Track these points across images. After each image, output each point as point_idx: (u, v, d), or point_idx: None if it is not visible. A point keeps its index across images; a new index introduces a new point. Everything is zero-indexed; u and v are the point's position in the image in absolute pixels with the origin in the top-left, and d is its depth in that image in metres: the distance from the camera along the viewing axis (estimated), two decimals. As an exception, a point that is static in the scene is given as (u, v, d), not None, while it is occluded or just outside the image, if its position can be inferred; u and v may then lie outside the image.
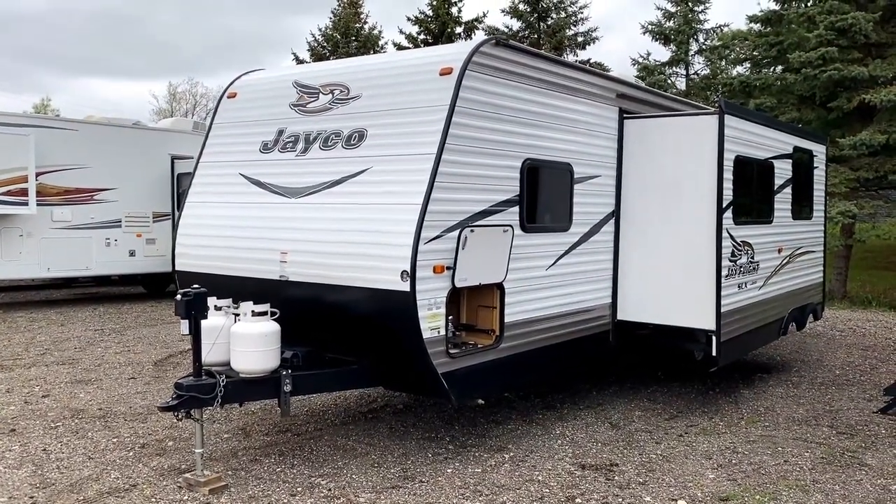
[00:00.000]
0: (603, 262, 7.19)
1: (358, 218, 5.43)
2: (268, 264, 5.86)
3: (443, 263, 5.28)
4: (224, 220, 6.28)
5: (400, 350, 5.38)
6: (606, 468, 5.76)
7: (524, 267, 6.12)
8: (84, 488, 5.24)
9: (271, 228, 5.91)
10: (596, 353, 7.31)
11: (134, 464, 5.72)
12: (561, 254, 6.62)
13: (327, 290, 5.52)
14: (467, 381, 5.59)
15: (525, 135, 6.04)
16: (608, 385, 8.26)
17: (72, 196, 14.37)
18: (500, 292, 5.88)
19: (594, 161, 6.96)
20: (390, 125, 5.57)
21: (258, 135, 6.38)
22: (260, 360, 5.27)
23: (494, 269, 5.74)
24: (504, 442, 6.32)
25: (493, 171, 5.73)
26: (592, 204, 6.98)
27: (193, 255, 6.45)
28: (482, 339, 5.98)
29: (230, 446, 6.16)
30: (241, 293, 5.68)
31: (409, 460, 5.85)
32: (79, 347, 10.44)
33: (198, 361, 5.20)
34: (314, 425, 6.75)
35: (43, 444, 6.17)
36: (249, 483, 5.34)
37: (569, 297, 6.69)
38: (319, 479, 5.44)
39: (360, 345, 5.64)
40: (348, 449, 6.11)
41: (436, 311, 5.24)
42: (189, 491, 5.18)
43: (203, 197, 6.54)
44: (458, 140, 5.36)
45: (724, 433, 6.71)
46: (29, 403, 7.45)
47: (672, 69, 27.22)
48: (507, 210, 5.88)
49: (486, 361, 5.76)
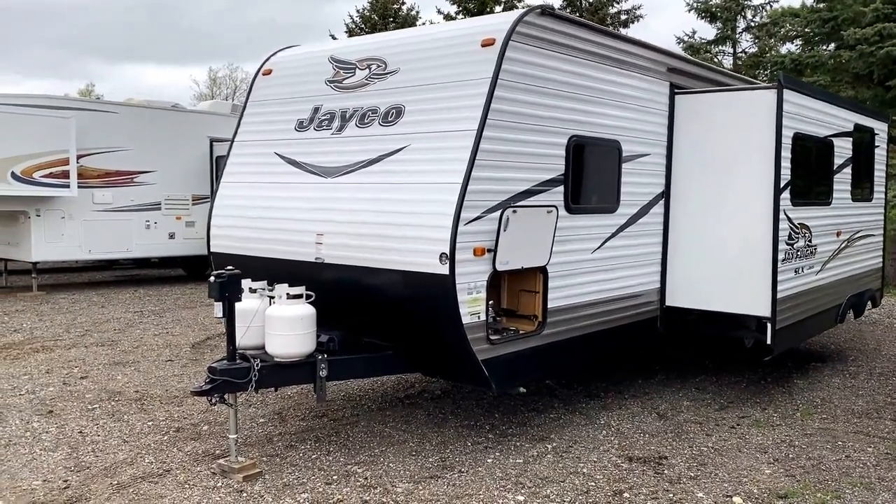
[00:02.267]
0: (652, 245, 6.87)
1: (395, 198, 5.21)
2: (303, 246, 5.67)
3: (483, 245, 5.03)
4: (259, 201, 6.12)
5: (438, 336, 5.16)
6: (655, 461, 5.49)
7: (569, 250, 5.84)
8: (118, 472, 5.14)
9: (307, 209, 5.72)
10: (643, 340, 7.00)
11: (168, 448, 5.62)
12: (608, 236, 6.32)
13: (364, 272, 5.32)
14: (508, 369, 5.35)
15: (571, 110, 5.74)
16: (654, 373, 7.95)
17: (112, 178, 14.44)
18: (543, 276, 5.62)
19: (643, 138, 6.63)
20: (429, 100, 5.31)
21: (293, 112, 6.18)
22: (295, 343, 5.10)
23: (537, 251, 5.47)
24: (546, 431, 6.08)
25: (537, 149, 5.45)
26: (641, 184, 6.65)
27: (228, 236, 6.31)
28: (524, 325, 5.73)
29: (266, 431, 6.03)
30: (277, 275, 5.52)
31: (448, 449, 5.65)
32: (118, 329, 10.46)
33: (231, 345, 5.05)
34: (351, 411, 6.59)
35: (79, 427, 6.12)
36: (284, 470, 5.20)
37: (615, 282, 6.39)
38: (356, 466, 5.27)
39: (398, 330, 5.44)
40: (385, 436, 5.93)
41: (476, 296, 5.00)
42: (223, 477, 5.05)
43: (238, 177, 6.38)
44: (501, 115, 5.09)
45: (779, 425, 6.37)
46: (67, 385, 7.43)
47: (718, 48, 26.44)
48: (551, 190, 5.60)
49: (527, 348, 5.51)
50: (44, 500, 4.69)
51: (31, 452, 5.53)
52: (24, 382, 7.48)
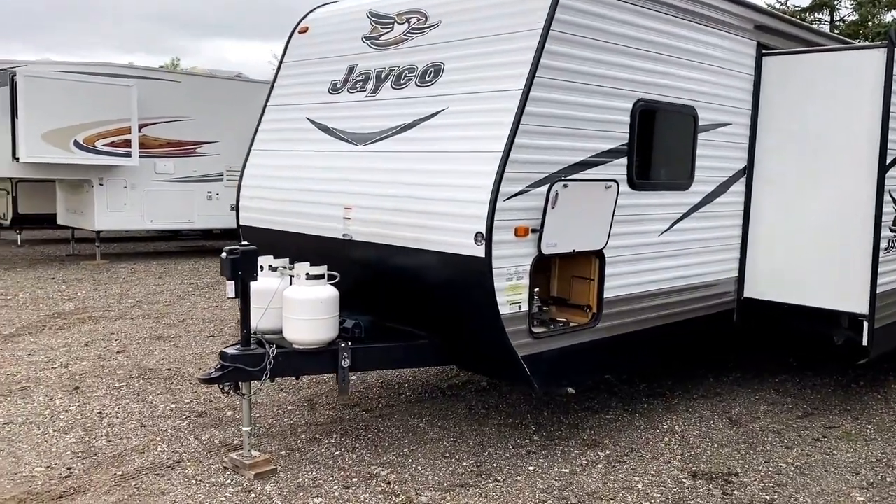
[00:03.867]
0: (729, 228, 6.04)
1: (428, 169, 4.59)
2: (331, 221, 5.13)
3: (527, 225, 4.36)
4: (289, 171, 5.60)
5: (473, 327, 4.55)
6: (723, 478, 4.75)
7: (631, 232, 5.11)
8: (125, 462, 4.76)
9: (336, 180, 5.17)
10: (715, 335, 6.21)
11: (185, 435, 5.22)
12: (678, 217, 5.54)
13: (393, 252, 4.74)
14: (554, 367, 4.69)
15: (639, 69, 4.97)
16: (728, 371, 7.11)
17: (174, 148, 14.31)
18: (599, 262, 4.91)
19: (724, 105, 5.78)
20: (471, 56, 4.65)
21: (328, 73, 5.62)
22: (314, 329, 4.57)
23: (592, 233, 4.76)
24: (600, 435, 5.40)
25: (595, 113, 4.72)
26: (720, 157, 5.81)
27: (257, 208, 5.83)
28: (576, 317, 5.05)
29: (291, 420, 5.56)
30: (305, 253, 5.02)
31: (486, 451, 5.05)
32: (169, 301, 10.26)
33: (245, 329, 4.57)
34: (386, 401, 6.06)
35: (101, 406, 5.80)
36: (301, 468, 4.71)
37: (685, 270, 5.61)
38: (380, 468, 4.73)
39: (430, 317, 4.84)
40: (418, 432, 5.37)
41: (517, 283, 4.35)
42: (234, 473, 4.60)
43: (268, 145, 5.88)
44: (552, 73, 4.39)
45: (874, 440, 5.50)
46: (102, 359, 7.18)
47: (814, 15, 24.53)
48: (611, 161, 4.86)
49: (578, 343, 4.83)
50: (40, 491, 4.34)
51: (44, 433, 5.23)
52: (60, 355, 7.27)
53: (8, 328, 8.37)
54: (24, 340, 7.83)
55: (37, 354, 7.29)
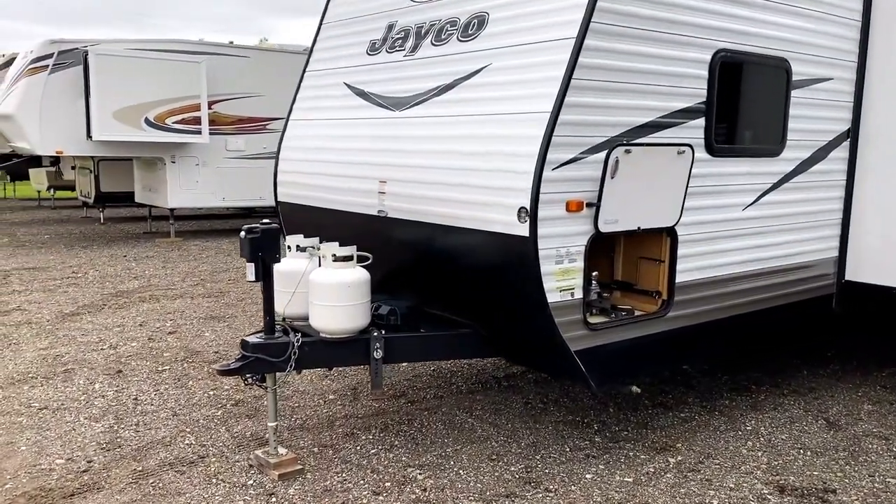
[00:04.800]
0: (828, 201, 5.22)
1: (466, 135, 4.01)
2: (367, 196, 4.64)
3: (581, 198, 3.74)
4: (325, 141, 5.14)
5: (518, 316, 3.97)
6: (817, 495, 4.03)
7: (709, 206, 4.41)
8: (148, 455, 4.46)
9: (371, 151, 4.67)
10: (810, 324, 5.42)
11: (217, 427, 4.89)
12: (766, 189, 4.78)
13: (431, 230, 4.20)
14: (615, 362, 4.07)
15: (720, 14, 4.23)
16: (825, 363, 6.28)
17: (245, 125, 14.17)
18: (670, 241, 4.24)
19: (823, 57, 4.94)
20: (517, 3, 4.02)
21: (367, 33, 5.10)
22: (341, 317, 4.10)
23: (662, 207, 4.09)
24: (672, 437, 4.75)
25: (665, 66, 4.02)
26: (818, 118, 4.99)
27: (294, 183, 5.40)
28: (644, 305, 4.40)
29: (331, 411, 5.16)
30: (342, 231, 4.56)
31: (539, 454, 4.49)
32: (232, 279, 10.09)
33: (268, 315, 4.15)
34: (435, 391, 5.58)
35: (138, 392, 5.56)
36: (332, 468, 4.28)
37: (774, 250, 4.85)
38: (417, 470, 4.25)
39: (473, 305, 4.29)
40: (466, 429, 4.86)
41: (568, 266, 3.74)
42: (257, 473, 4.21)
43: (306, 113, 5.43)
44: (612, 18, 3.72)
45: None
46: (152, 340, 6.99)
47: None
48: (685, 123, 4.16)
49: (644, 336, 4.18)
50: (53, 487, 4.07)
51: (74, 420, 5.00)
52: (112, 335, 7.13)
53: (71, 306, 8.33)
54: (82, 319, 7.75)
55: (90, 335, 7.17)
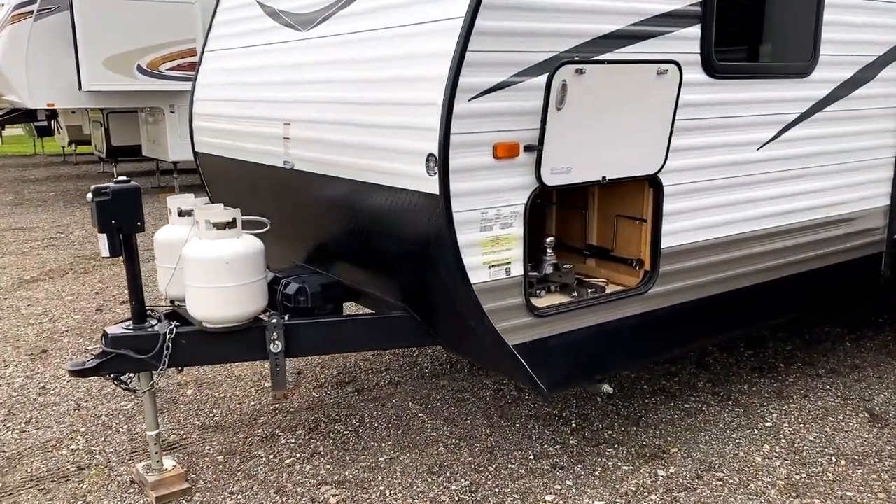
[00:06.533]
0: (877, 135, 4.06)
1: (370, 57, 3.01)
2: (273, 143, 3.69)
3: (515, 139, 2.72)
4: (236, 76, 4.18)
5: (439, 300, 3.01)
6: (849, 528, 3.05)
7: (708, 145, 3.33)
8: (20, 466, 3.71)
9: (276, 84, 3.69)
10: (851, 291, 4.31)
11: (119, 425, 4.12)
12: (791, 120, 3.66)
13: (338, 186, 3.24)
14: (573, 358, 3.09)
15: None
16: (870, 336, 5.17)
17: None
18: (653, 193, 3.19)
19: (871, -58, 3.74)
20: None
21: (283, -61, 4.06)
22: (220, 301, 3.20)
23: (637, 149, 3.04)
24: (668, 440, 3.78)
25: (638, -45, 2.92)
26: (861, 26, 3.81)
27: (208, 129, 4.47)
28: (622, 277, 3.38)
29: (259, 404, 4.33)
30: (255, 189, 3.65)
31: (493, 465, 3.58)
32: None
33: (135, 300, 3.29)
34: (392, 375, 4.70)
35: (50, 378, 4.83)
36: (229, 486, 3.45)
37: (802, 201, 3.76)
38: (333, 489, 3.39)
39: (397, 282, 3.33)
40: (413, 428, 3.97)
41: (500, 233, 2.75)
42: (136, 491, 3.41)
43: (219, 42, 4.45)
44: None
45: None
46: (100, 311, 6.30)
47: None
48: (671, 33, 3.07)
49: (616, 320, 3.17)
50: None
51: (-38, 416, 4.29)
52: (60, 306, 6.43)
53: (35, 271, 7.68)
54: (38, 287, 7.08)
55: (37, 305, 6.48)
